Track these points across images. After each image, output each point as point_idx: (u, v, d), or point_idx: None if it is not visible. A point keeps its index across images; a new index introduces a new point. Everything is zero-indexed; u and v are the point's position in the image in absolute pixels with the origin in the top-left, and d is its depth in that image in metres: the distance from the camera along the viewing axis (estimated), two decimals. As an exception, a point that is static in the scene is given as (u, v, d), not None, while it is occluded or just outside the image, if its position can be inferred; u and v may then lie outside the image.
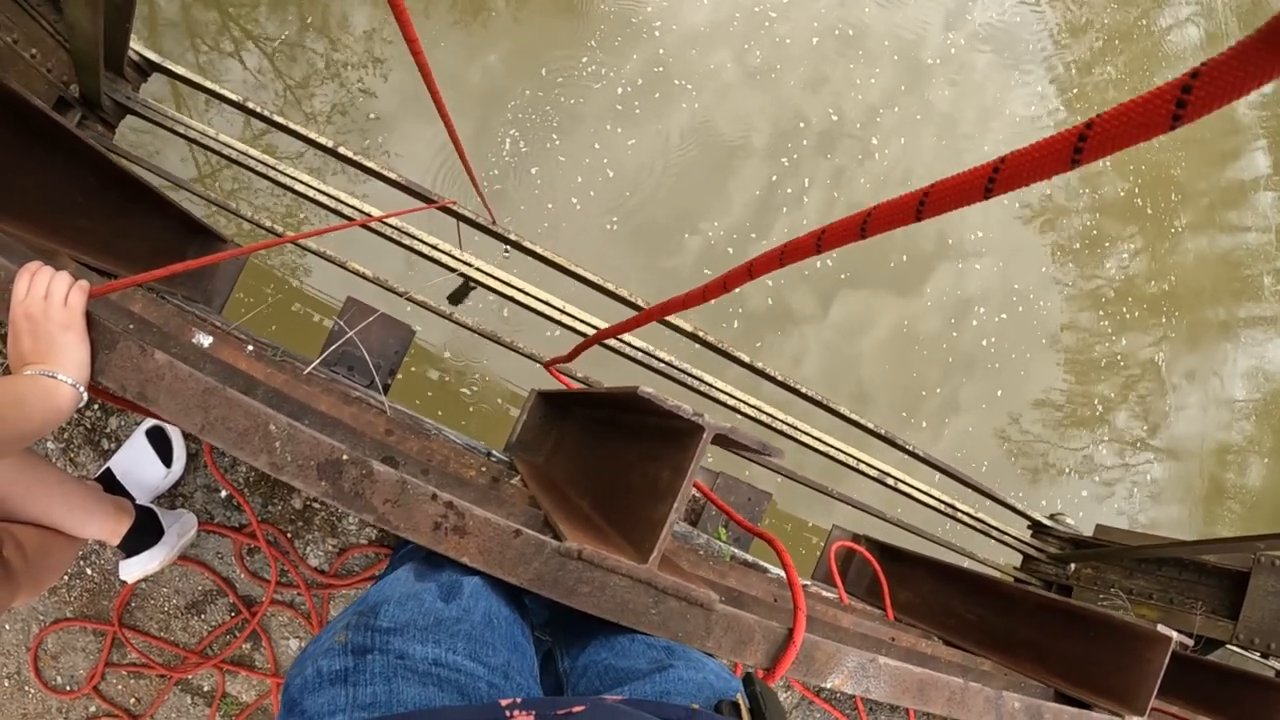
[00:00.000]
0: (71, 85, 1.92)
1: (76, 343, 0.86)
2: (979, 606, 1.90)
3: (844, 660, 1.02)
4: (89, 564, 1.60)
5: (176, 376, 0.85)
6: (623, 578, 0.88)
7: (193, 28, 3.75)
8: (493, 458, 1.59)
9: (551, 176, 3.86)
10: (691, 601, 0.91)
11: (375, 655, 0.73)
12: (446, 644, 0.75)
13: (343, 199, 2.46)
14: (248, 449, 0.84)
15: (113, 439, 1.59)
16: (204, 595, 1.63)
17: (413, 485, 0.84)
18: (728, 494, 2.26)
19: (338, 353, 1.91)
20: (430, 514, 0.85)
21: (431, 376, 3.75)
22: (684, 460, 0.90)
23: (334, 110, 3.91)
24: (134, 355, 0.87)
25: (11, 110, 1.28)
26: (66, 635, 1.62)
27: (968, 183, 0.53)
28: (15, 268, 0.88)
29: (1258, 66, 0.34)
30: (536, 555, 0.87)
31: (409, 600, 0.80)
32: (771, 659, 0.96)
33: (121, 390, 0.87)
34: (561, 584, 0.87)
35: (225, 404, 0.85)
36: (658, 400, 0.89)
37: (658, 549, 0.89)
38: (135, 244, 1.75)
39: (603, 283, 2.50)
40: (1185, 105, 0.38)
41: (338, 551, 1.63)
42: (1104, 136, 0.43)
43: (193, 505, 1.60)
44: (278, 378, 1.23)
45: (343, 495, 0.84)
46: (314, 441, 0.84)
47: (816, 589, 1.98)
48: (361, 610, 0.79)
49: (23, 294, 0.86)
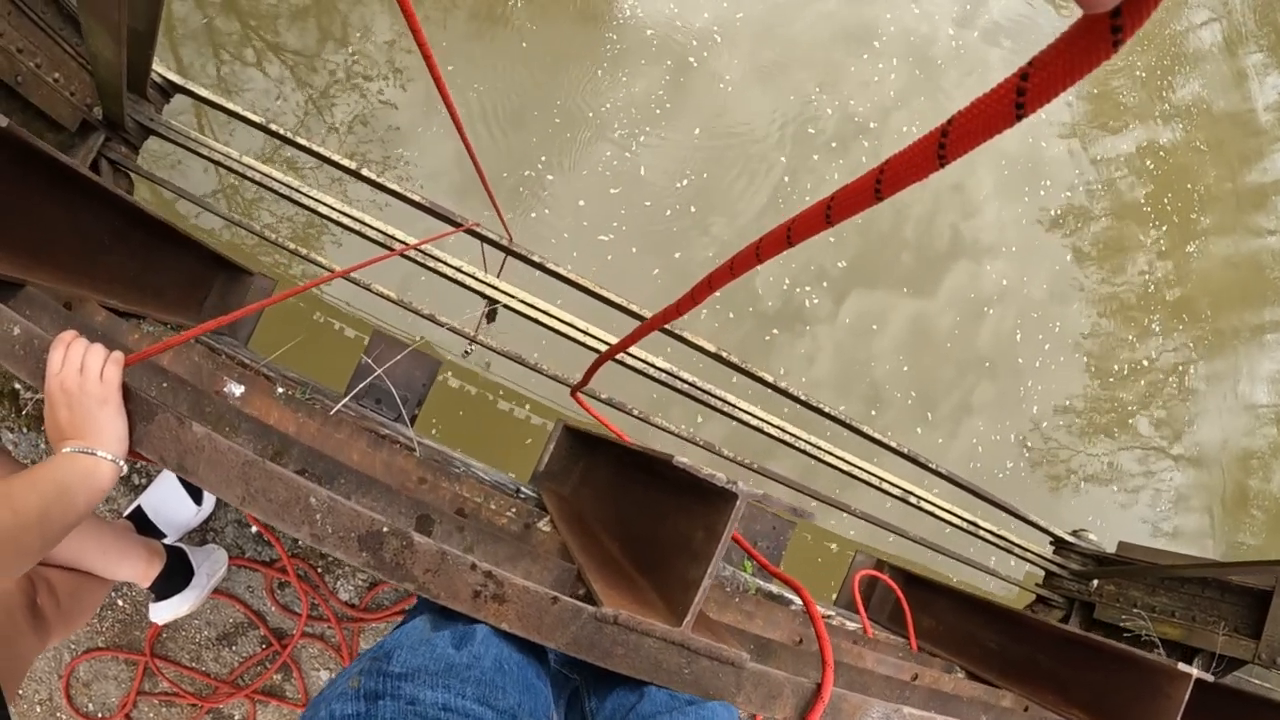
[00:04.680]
0: (95, 108, 1.94)
1: (114, 416, 0.87)
2: (1000, 635, 1.90)
3: (869, 712, 1.03)
4: (120, 595, 1.63)
5: (216, 449, 0.87)
6: (657, 640, 0.89)
7: (215, 38, 3.77)
8: (521, 494, 1.60)
9: (567, 187, 3.87)
10: (723, 661, 0.92)
11: (387, 700, 0.75)
12: (456, 689, 0.77)
13: (364, 219, 2.47)
14: (289, 521, 0.86)
15: (144, 474, 1.62)
16: (235, 627, 1.66)
17: (452, 556, 0.85)
18: (752, 523, 2.26)
19: (366, 386, 1.93)
20: (470, 583, 0.86)
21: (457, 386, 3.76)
22: (717, 523, 0.91)
23: (355, 120, 3.92)
24: (172, 427, 0.88)
25: (38, 159, 1.30)
26: (98, 664, 1.66)
27: (862, 188, 0.55)
28: (50, 338, 0.90)
29: (1085, 52, 0.35)
30: (574, 620, 0.88)
31: (421, 646, 0.82)
32: (800, 713, 0.97)
33: (161, 461, 0.89)
34: (598, 647, 0.89)
35: (265, 476, 0.86)
36: (693, 470, 0.90)
37: (692, 612, 0.90)
38: (162, 279, 1.77)
39: (621, 301, 2.50)
40: (1025, 94, 0.39)
41: (368, 586, 1.65)
42: (962, 133, 0.44)
43: (223, 540, 1.62)
44: (310, 428, 1.24)
45: (384, 566, 0.85)
46: (354, 514, 0.85)
47: (840, 620, 1.98)
48: (375, 656, 0.81)
49: (58, 366, 0.87)
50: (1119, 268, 4.39)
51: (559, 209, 3.85)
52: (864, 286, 4.17)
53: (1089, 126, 4.46)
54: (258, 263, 3.57)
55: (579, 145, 3.90)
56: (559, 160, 3.88)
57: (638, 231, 3.88)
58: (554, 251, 3.62)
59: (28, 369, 0.95)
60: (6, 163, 1.24)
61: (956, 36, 4.31)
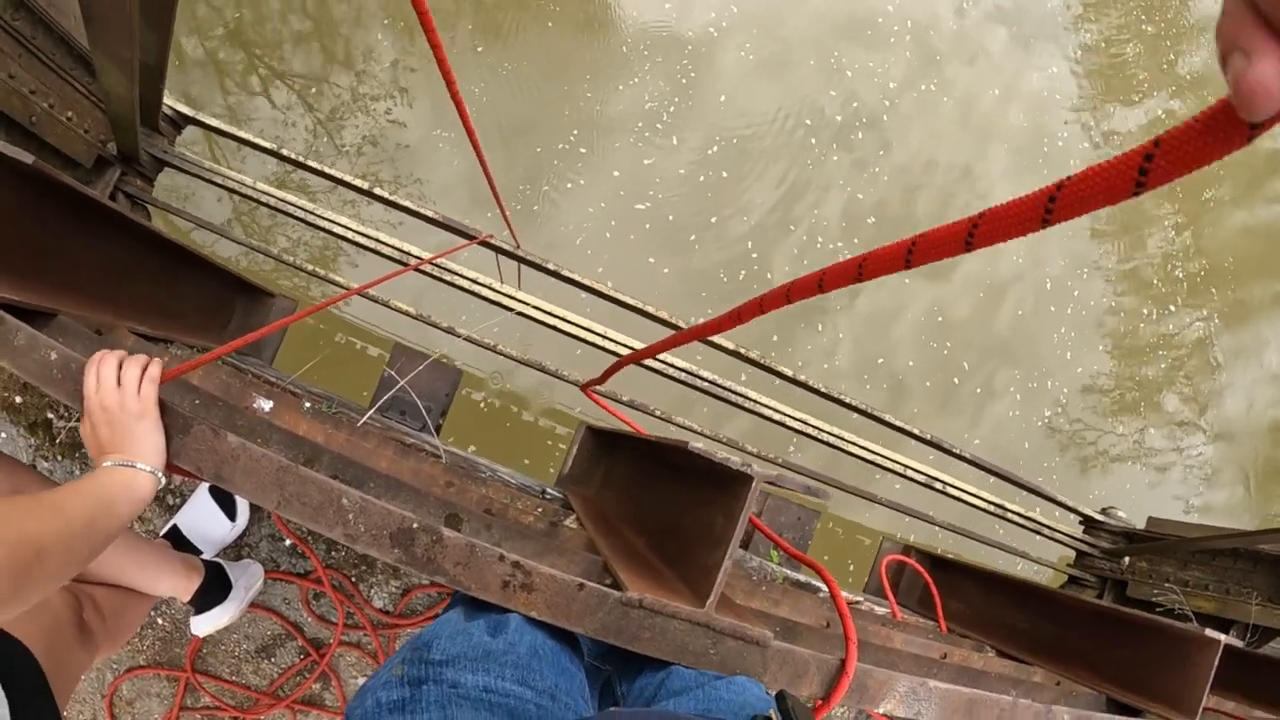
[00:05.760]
0: (109, 143, 2.00)
1: (152, 430, 0.91)
2: (1029, 614, 1.90)
3: (896, 686, 1.04)
4: (160, 614, 1.67)
5: (250, 457, 0.90)
6: (682, 622, 0.92)
7: (220, 68, 3.84)
8: (547, 496, 1.63)
9: (577, 194, 3.90)
10: (748, 640, 0.94)
11: (430, 685, 0.78)
12: (495, 672, 0.80)
13: (378, 237, 2.52)
14: (323, 522, 0.89)
15: (178, 495, 1.66)
16: (273, 639, 1.70)
17: (480, 548, 0.88)
18: (778, 514, 2.28)
19: (389, 398, 1.97)
20: (499, 573, 0.89)
21: (477, 399, 3.80)
22: (735, 507, 0.93)
23: (364, 141, 3.97)
24: (208, 438, 0.92)
25: (61, 193, 1.35)
26: (141, 681, 1.70)
27: (951, 235, 0.56)
28: (83, 360, 0.94)
29: (1216, 139, 0.34)
30: (600, 606, 0.90)
31: (459, 636, 0.85)
32: (826, 689, 0.99)
33: (198, 471, 0.93)
34: (625, 631, 0.91)
35: (299, 481, 0.89)
36: (708, 455, 0.92)
37: (714, 593, 0.92)
38: (185, 304, 1.82)
39: (634, 302, 2.52)
40: (1147, 174, 0.39)
41: (401, 592, 1.69)
42: (1073, 198, 0.44)
43: (258, 554, 1.67)
44: (338, 438, 1.28)
45: (416, 561, 0.88)
46: (385, 512, 0.88)
47: (869, 605, 1.99)
48: (416, 646, 0.84)
49: (94, 386, 0.91)
50: (1137, 244, 4.35)
51: (571, 217, 3.88)
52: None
53: (1099, 101, 4.43)
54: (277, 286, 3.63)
55: (588, 153, 3.94)
56: (569, 169, 3.92)
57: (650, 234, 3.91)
58: (572, 260, 3.66)
59: (66, 391, 0.99)
60: (32, 198, 1.29)
61: (958, 19, 4.30)
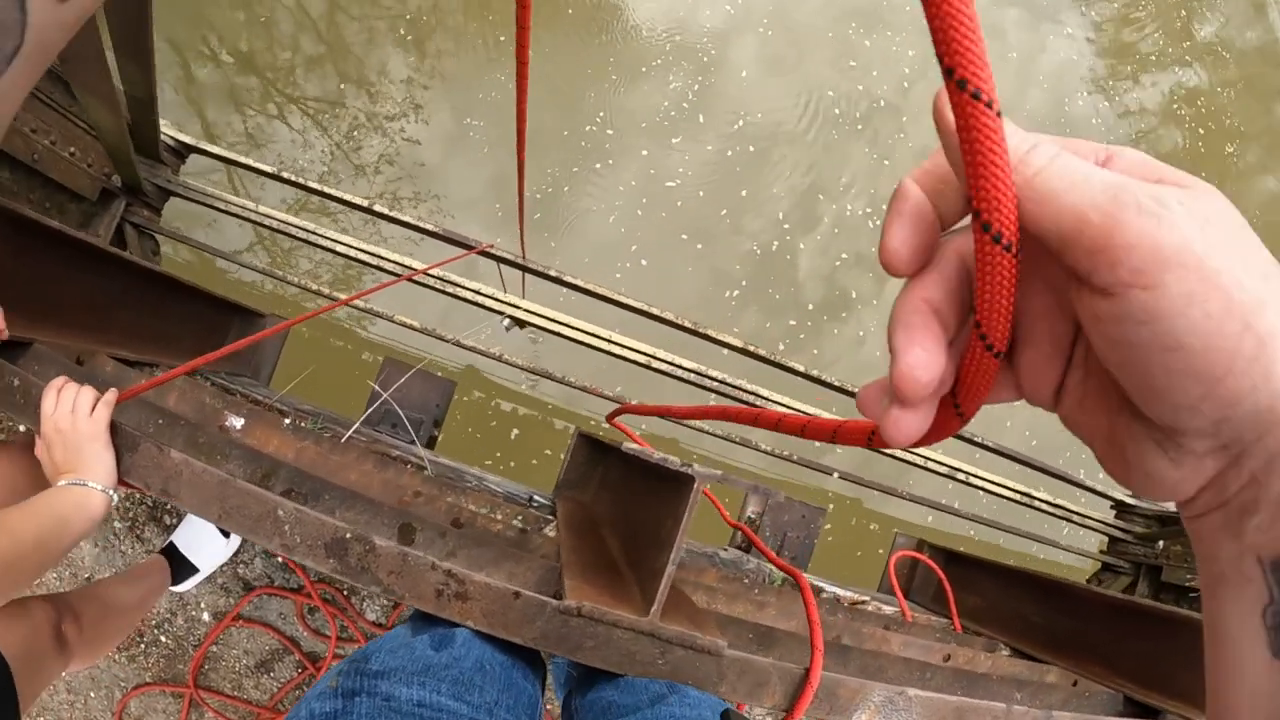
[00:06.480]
0: (113, 176, 2.05)
1: (102, 451, 0.93)
2: (1046, 609, 1.83)
3: (870, 696, 1.00)
4: (163, 631, 1.70)
5: (193, 472, 0.91)
6: (625, 630, 0.89)
7: (236, 95, 3.92)
8: (533, 504, 1.62)
9: (598, 200, 3.90)
10: (698, 650, 0.91)
11: (363, 698, 0.77)
12: (432, 686, 0.79)
13: (386, 255, 2.54)
14: (261, 533, 0.90)
15: (174, 514, 1.69)
16: (272, 654, 1.72)
17: (413, 556, 0.87)
18: (781, 514, 2.23)
19: (380, 411, 1.98)
20: (432, 582, 0.88)
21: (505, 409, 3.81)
22: (680, 509, 0.91)
23: (381, 160, 4.01)
24: (154, 455, 0.93)
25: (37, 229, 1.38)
26: (148, 698, 1.73)
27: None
28: (42, 385, 0.96)
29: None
30: (539, 615, 0.88)
31: (400, 649, 0.84)
32: (790, 700, 0.95)
33: (146, 487, 0.94)
34: (567, 641, 0.89)
35: (239, 494, 0.90)
36: (644, 456, 0.90)
37: (658, 600, 0.89)
38: (180, 329, 1.86)
39: (650, 309, 2.49)
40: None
41: (393, 605, 1.69)
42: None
43: (253, 570, 1.69)
44: (309, 452, 1.29)
45: (350, 570, 0.88)
46: (319, 523, 0.88)
47: (876, 606, 1.93)
48: (355, 659, 0.83)
49: (51, 409, 0.94)
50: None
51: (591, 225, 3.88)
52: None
53: (1115, 80, 4.29)
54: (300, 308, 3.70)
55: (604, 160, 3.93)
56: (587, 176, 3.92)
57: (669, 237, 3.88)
58: (590, 269, 3.66)
59: (27, 416, 1.02)
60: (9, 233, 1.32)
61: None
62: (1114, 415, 0.27)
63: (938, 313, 0.28)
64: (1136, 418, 0.26)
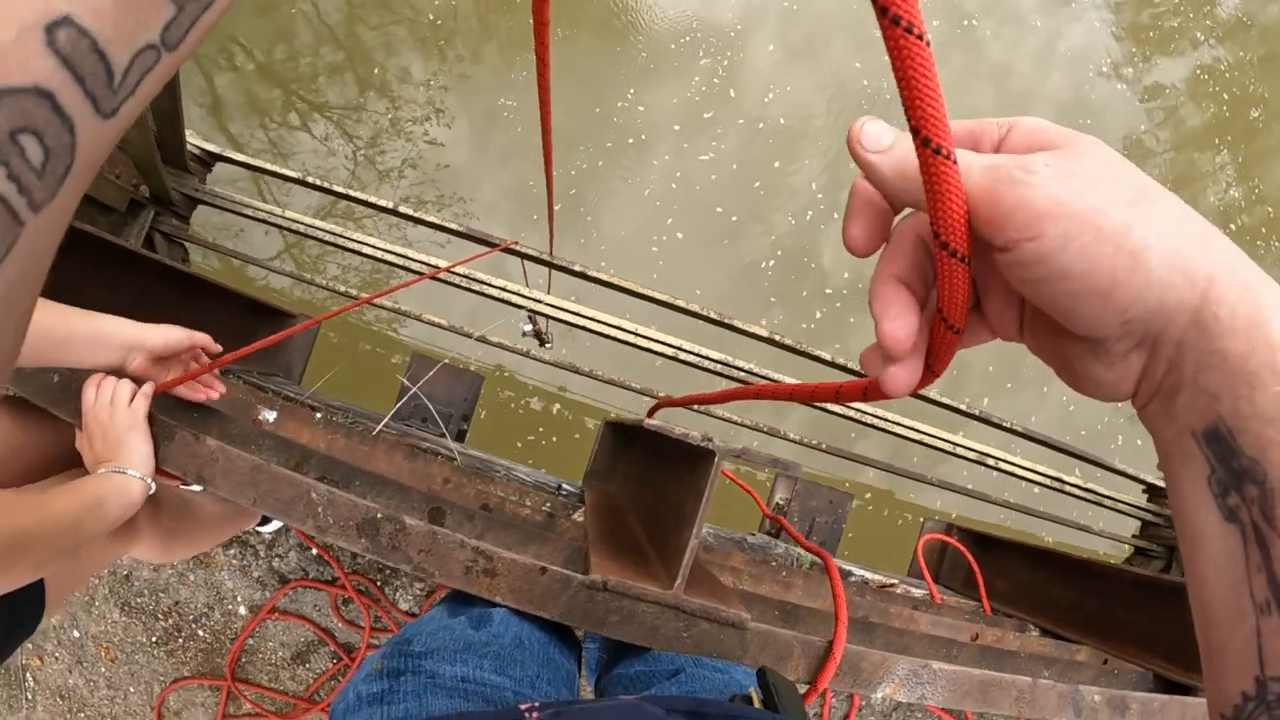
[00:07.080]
0: (141, 186, 2.11)
1: (141, 440, 0.97)
2: (1075, 590, 1.81)
3: (894, 669, 1.00)
4: (200, 625, 1.75)
5: (228, 459, 0.94)
6: (650, 604, 0.91)
7: (259, 106, 3.98)
8: (561, 492, 1.64)
9: (624, 199, 3.91)
10: (723, 623, 0.93)
11: (408, 676, 0.79)
12: (474, 663, 0.81)
13: (412, 255, 2.58)
14: (295, 515, 0.92)
15: (212, 510, 1.74)
16: (307, 645, 1.76)
17: (442, 535, 0.89)
18: (809, 499, 2.23)
19: (409, 406, 2.01)
20: (461, 560, 0.90)
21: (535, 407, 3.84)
22: (701, 485, 0.92)
23: (405, 164, 4.04)
24: (189, 443, 0.97)
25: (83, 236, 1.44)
26: (186, 692, 1.78)
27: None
28: (82, 380, 1.00)
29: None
30: (564, 590, 0.90)
31: (441, 630, 0.87)
32: (813, 672, 0.96)
33: (183, 474, 0.97)
34: (592, 615, 0.91)
35: (271, 479, 0.93)
36: (665, 431, 0.92)
37: (682, 574, 0.91)
38: (211, 331, 1.90)
39: (677, 301, 2.50)
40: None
41: (426, 594, 1.72)
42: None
43: (288, 563, 1.73)
44: (339, 444, 1.32)
45: (381, 549, 0.90)
46: (351, 504, 0.91)
47: (905, 588, 1.93)
48: (398, 641, 0.86)
49: (91, 401, 0.98)
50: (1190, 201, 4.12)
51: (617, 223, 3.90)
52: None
53: (1137, 61, 4.23)
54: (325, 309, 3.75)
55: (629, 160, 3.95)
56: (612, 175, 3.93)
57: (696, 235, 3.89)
58: (619, 263, 3.68)
59: (68, 410, 1.06)
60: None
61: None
62: (1058, 338, 0.33)
63: (907, 284, 0.34)
64: (1070, 336, 0.31)
